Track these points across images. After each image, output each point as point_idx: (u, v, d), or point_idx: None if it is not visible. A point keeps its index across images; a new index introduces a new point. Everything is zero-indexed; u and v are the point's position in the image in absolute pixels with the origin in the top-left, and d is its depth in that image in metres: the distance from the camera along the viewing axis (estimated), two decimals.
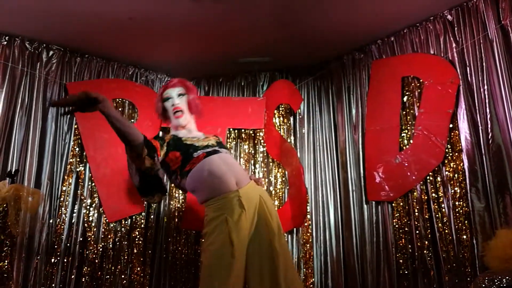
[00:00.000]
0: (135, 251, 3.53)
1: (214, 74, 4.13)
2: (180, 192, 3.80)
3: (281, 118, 3.85)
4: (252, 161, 3.81)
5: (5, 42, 3.33)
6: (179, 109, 2.21)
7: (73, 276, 3.28)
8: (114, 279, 3.39)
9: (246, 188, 2.01)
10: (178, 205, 3.75)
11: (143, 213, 3.63)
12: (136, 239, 3.55)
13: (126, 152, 2.00)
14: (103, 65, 3.79)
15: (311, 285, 3.45)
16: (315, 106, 3.93)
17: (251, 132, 3.86)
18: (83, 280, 3.30)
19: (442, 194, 2.94)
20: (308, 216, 3.58)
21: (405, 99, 3.28)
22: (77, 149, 3.50)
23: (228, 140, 3.80)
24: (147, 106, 3.84)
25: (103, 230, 3.45)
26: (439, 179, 2.98)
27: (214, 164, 2.01)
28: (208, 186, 1.99)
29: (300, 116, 3.90)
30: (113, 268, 3.41)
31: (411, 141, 3.16)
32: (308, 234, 3.55)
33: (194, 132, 2.27)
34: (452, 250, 2.82)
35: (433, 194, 2.99)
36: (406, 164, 3.14)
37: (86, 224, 3.41)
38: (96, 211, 3.46)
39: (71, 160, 3.46)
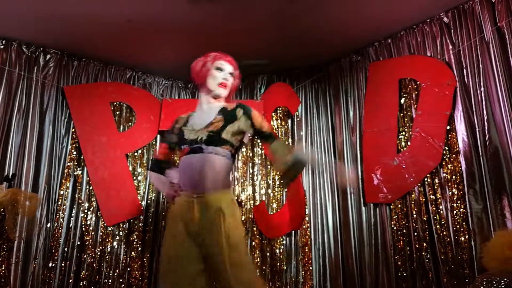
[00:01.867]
0: (133, 254, 3.52)
1: None
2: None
3: (279, 121, 3.85)
4: (250, 164, 3.81)
5: (2, 46, 3.33)
6: (226, 84, 2.19)
7: (71, 281, 3.27)
8: (112, 283, 3.38)
9: (205, 197, 1.96)
10: None
11: (141, 217, 3.62)
12: (134, 243, 3.55)
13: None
14: (100, 69, 3.79)
15: (310, 287, 3.45)
16: (313, 108, 3.94)
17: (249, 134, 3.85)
18: (81, 284, 3.29)
19: (440, 196, 2.95)
20: (307, 219, 3.58)
21: (402, 101, 3.29)
22: (74, 152, 3.49)
23: None
24: (145, 109, 3.85)
25: (101, 234, 3.44)
26: (437, 181, 2.99)
27: (186, 164, 2.04)
28: (181, 181, 2.04)
29: (298, 119, 3.90)
30: (111, 272, 3.40)
31: (409, 143, 3.17)
32: (307, 237, 3.55)
33: (212, 109, 2.19)
34: (451, 251, 2.82)
35: (431, 196, 2.99)
36: (404, 166, 3.14)
37: (84, 228, 3.40)
38: (94, 215, 3.45)
39: (68, 164, 3.45)
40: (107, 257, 3.42)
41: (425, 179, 3.04)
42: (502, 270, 2.17)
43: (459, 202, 2.84)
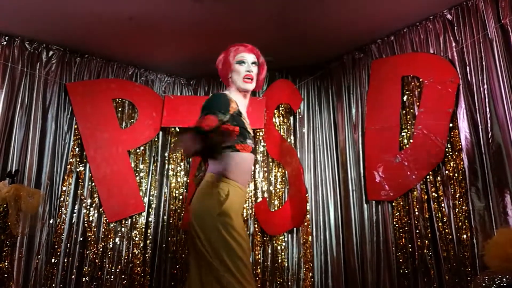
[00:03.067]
0: (135, 251, 3.53)
1: (214, 74, 4.01)
2: (181, 192, 3.80)
3: (281, 118, 3.85)
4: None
5: (5, 42, 3.34)
6: (251, 77, 2.14)
7: (73, 276, 3.29)
8: (114, 279, 3.39)
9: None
10: (178, 205, 3.75)
11: (143, 213, 3.63)
12: (136, 239, 3.56)
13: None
14: (103, 65, 3.79)
15: (311, 285, 3.45)
16: (315, 105, 3.93)
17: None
18: (84, 280, 3.30)
19: (442, 194, 2.94)
20: (308, 216, 3.58)
21: (405, 98, 3.28)
22: (77, 149, 3.50)
23: None
24: (147, 106, 3.85)
25: (103, 230, 3.45)
26: (439, 178, 2.98)
27: (247, 163, 2.07)
28: (239, 174, 2.01)
29: (300, 116, 3.90)
30: (113, 268, 3.41)
31: (411, 141, 3.16)
32: (308, 234, 3.55)
33: (244, 107, 2.19)
34: (452, 249, 2.82)
35: (433, 194, 2.99)
36: (406, 164, 3.13)
37: (86, 224, 3.42)
38: (96, 211, 3.46)
39: (71, 160, 3.46)
40: (109, 253, 3.43)
41: (427, 177, 3.04)
42: (504, 268, 2.17)
43: (461, 199, 2.83)
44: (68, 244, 3.33)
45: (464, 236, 2.77)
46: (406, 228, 3.09)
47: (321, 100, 3.93)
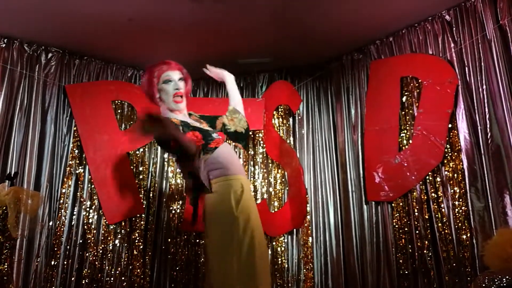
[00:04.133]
0: (135, 253, 3.53)
1: None
2: (180, 193, 3.80)
3: (280, 119, 3.85)
4: (252, 162, 3.81)
5: (4, 45, 3.33)
6: (181, 94, 2.18)
7: (73, 279, 3.28)
8: (114, 281, 3.39)
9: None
10: (178, 207, 3.74)
11: (143, 215, 3.63)
12: (136, 241, 3.55)
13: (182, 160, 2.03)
14: (102, 67, 3.79)
15: (312, 286, 3.45)
16: (314, 106, 3.93)
17: (250, 133, 3.85)
18: (83, 282, 3.30)
19: (441, 194, 2.95)
20: (308, 217, 3.58)
21: (404, 99, 3.29)
22: (76, 151, 3.50)
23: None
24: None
25: (103, 232, 3.45)
26: (438, 179, 2.99)
27: (232, 151, 2.17)
28: (235, 166, 2.09)
29: (299, 117, 3.90)
30: (113, 270, 3.41)
31: (410, 141, 3.17)
32: (308, 235, 3.55)
33: (187, 116, 2.25)
34: (452, 250, 2.82)
35: (433, 194, 2.99)
36: (406, 164, 3.14)
37: (85, 226, 3.41)
38: (95, 213, 3.46)
39: (70, 162, 3.46)
40: (109, 255, 3.42)
41: (427, 177, 3.04)
42: (504, 268, 2.18)
43: (460, 200, 2.84)
44: (68, 246, 3.32)
45: (464, 237, 2.78)
46: (405, 228, 3.09)
47: (320, 101, 3.94)
